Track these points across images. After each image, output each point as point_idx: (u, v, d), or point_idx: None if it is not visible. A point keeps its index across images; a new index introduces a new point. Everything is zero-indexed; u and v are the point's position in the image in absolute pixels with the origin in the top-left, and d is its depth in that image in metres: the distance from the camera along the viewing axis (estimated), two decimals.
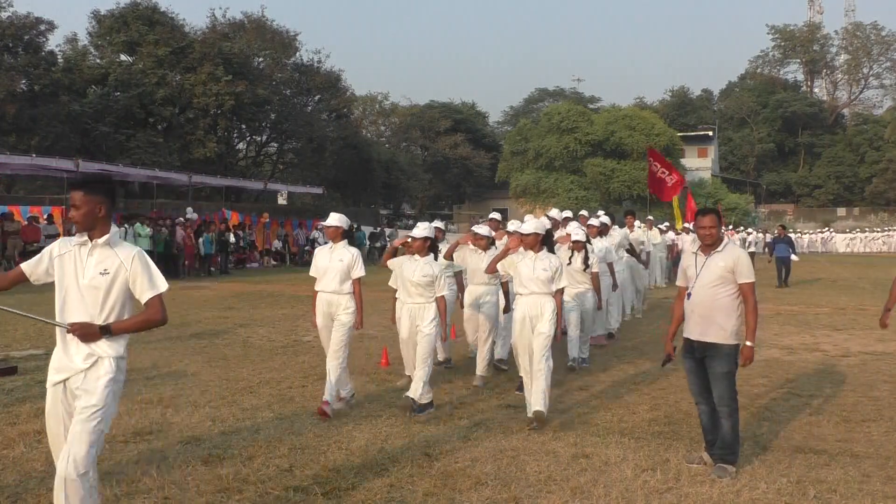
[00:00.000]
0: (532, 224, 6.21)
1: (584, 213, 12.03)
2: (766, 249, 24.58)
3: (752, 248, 29.73)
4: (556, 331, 6.02)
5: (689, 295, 5.11)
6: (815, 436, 5.80)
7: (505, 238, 8.13)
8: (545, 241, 6.24)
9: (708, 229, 5.05)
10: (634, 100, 71.87)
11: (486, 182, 58.28)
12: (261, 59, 38.99)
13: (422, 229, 6.51)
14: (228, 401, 6.67)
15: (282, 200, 33.19)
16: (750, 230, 40.21)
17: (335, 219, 6.51)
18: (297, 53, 41.36)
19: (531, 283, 6.06)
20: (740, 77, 77.24)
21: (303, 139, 39.21)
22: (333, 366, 6.23)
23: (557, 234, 8.72)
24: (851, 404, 6.79)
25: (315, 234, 29.49)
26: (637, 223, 13.07)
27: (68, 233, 19.38)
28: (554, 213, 10.50)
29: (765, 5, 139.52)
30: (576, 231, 8.26)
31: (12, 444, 5.37)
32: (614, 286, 9.79)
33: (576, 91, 72.09)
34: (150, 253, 20.09)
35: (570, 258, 8.06)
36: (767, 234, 37.67)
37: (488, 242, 7.92)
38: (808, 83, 76.16)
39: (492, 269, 6.64)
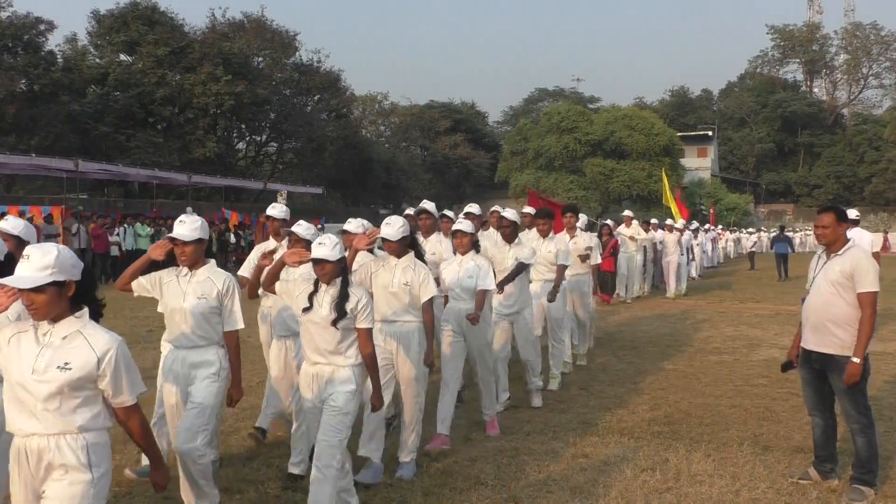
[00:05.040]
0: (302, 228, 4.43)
1: (447, 212, 7.43)
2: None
3: (754, 248, 29.80)
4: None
5: (804, 299, 4.69)
6: None
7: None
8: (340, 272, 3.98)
9: (820, 229, 4.57)
10: (634, 100, 71.89)
11: (485, 182, 58.28)
12: (260, 59, 39.07)
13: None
14: None
15: (281, 200, 33.18)
16: (751, 229, 40.25)
17: None
18: (297, 53, 41.52)
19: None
20: (740, 77, 77.26)
21: (302, 139, 39.28)
22: None
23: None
24: None
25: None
26: (582, 220, 9.48)
27: (67, 230, 19.37)
28: (473, 208, 7.41)
29: (765, 5, 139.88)
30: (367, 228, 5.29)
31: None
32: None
33: (576, 91, 72.19)
34: None
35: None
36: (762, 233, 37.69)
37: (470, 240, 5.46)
38: (808, 83, 76.14)
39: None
